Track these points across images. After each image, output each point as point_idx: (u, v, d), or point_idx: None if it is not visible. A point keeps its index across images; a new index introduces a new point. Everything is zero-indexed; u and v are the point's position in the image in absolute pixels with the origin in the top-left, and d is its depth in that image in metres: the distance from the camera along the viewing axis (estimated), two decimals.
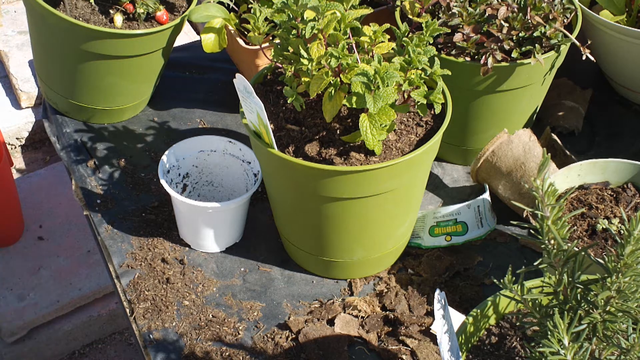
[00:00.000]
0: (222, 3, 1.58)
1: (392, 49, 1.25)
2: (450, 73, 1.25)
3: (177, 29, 1.59)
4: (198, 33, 2.78)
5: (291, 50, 1.25)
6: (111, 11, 1.59)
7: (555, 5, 1.44)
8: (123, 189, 1.57)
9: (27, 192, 2.39)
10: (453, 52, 1.41)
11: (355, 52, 1.23)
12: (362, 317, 1.33)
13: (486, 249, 1.44)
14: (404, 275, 1.40)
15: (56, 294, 2.15)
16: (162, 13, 1.60)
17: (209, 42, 1.54)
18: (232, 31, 1.59)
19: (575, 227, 1.31)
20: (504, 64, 1.39)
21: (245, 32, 1.54)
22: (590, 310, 0.89)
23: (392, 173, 1.20)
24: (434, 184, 1.57)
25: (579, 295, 0.91)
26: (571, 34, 1.44)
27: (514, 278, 0.93)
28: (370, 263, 1.38)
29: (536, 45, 1.40)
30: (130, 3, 1.59)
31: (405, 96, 1.25)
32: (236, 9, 1.61)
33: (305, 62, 1.20)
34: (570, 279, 0.91)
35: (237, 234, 1.46)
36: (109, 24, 1.58)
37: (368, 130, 1.17)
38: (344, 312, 1.34)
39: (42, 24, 1.56)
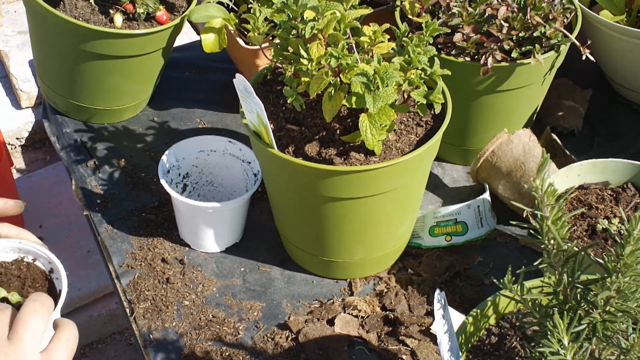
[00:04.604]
0: (222, 3, 1.58)
1: (392, 49, 1.25)
2: (450, 73, 1.25)
3: (177, 29, 1.59)
4: (198, 33, 2.77)
5: (291, 50, 1.25)
6: (111, 11, 1.59)
7: (555, 5, 1.44)
8: (123, 189, 1.57)
9: (27, 192, 2.39)
10: (453, 52, 1.41)
11: (355, 52, 1.23)
12: (362, 317, 1.33)
13: (486, 249, 1.44)
14: (404, 275, 1.40)
15: None
16: (162, 13, 1.60)
17: (209, 42, 1.54)
18: (232, 31, 1.59)
19: (575, 227, 1.31)
20: (503, 64, 1.39)
21: (245, 32, 1.54)
22: (590, 310, 0.89)
23: (392, 173, 1.20)
24: (434, 184, 1.57)
25: (578, 295, 0.91)
26: (571, 34, 1.44)
27: (513, 278, 0.93)
28: (370, 263, 1.38)
29: (536, 45, 1.40)
30: (130, 3, 1.59)
31: (405, 96, 1.25)
32: (236, 9, 1.61)
33: (305, 62, 1.20)
34: (570, 279, 0.91)
35: (237, 234, 1.46)
36: (109, 24, 1.58)
37: (368, 130, 1.17)
38: (344, 312, 1.34)
39: (42, 24, 1.56)
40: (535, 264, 0.93)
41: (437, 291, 0.95)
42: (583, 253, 0.91)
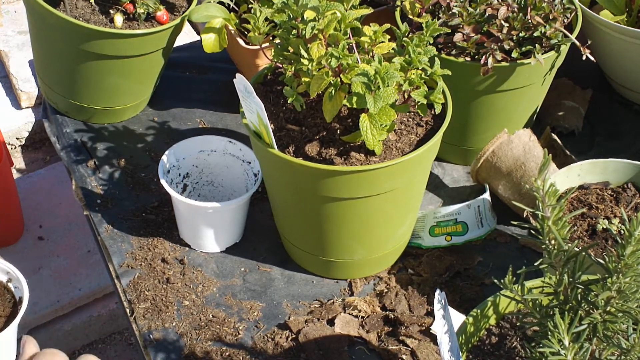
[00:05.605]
0: (222, 3, 1.58)
1: (393, 49, 1.25)
2: (450, 73, 1.25)
3: (177, 29, 1.59)
4: (198, 33, 2.77)
5: (291, 50, 1.25)
6: (111, 11, 1.59)
7: (556, 5, 1.44)
8: (123, 189, 1.57)
9: (27, 192, 2.39)
10: (453, 52, 1.41)
11: (356, 52, 1.23)
12: (362, 317, 1.33)
13: (486, 249, 1.44)
14: (404, 275, 1.40)
15: (56, 294, 2.14)
16: (162, 13, 1.60)
17: (209, 42, 1.54)
18: (233, 31, 1.59)
19: (576, 227, 1.31)
20: (504, 64, 1.39)
21: (246, 32, 1.54)
22: (591, 311, 0.89)
23: (392, 173, 1.20)
24: (434, 184, 1.57)
25: (579, 295, 0.91)
26: (571, 34, 1.44)
27: (514, 278, 0.93)
28: (371, 263, 1.38)
29: (536, 45, 1.40)
30: (130, 3, 1.59)
31: (406, 96, 1.25)
32: (236, 9, 1.61)
33: (306, 62, 1.20)
34: (570, 279, 0.91)
35: (237, 234, 1.46)
36: (109, 24, 1.58)
37: (368, 130, 1.17)
38: (344, 312, 1.34)
39: (42, 24, 1.56)
40: (536, 264, 0.93)
41: (438, 291, 0.95)
42: (584, 253, 0.91)
